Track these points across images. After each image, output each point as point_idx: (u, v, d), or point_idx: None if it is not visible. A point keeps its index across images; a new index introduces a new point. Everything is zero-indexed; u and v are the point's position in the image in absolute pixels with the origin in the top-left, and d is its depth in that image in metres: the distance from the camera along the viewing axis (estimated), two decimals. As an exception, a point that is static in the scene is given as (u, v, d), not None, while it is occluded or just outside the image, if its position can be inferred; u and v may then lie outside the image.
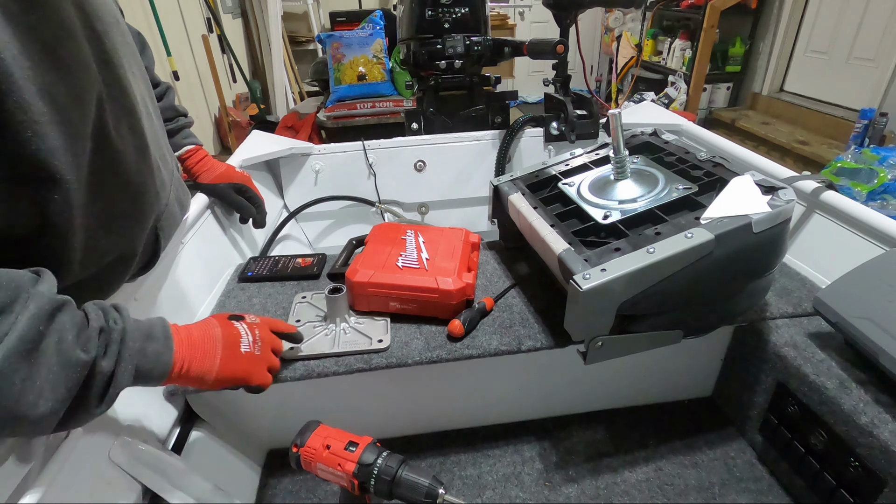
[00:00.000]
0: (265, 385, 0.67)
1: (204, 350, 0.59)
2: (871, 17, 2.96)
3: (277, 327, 0.73)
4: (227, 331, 0.63)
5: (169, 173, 0.79)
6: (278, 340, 0.72)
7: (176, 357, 0.56)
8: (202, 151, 1.04)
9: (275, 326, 0.72)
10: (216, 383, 0.60)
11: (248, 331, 0.65)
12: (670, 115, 1.52)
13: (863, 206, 0.90)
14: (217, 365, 0.59)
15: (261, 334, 0.67)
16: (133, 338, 0.52)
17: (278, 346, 0.72)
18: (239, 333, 0.64)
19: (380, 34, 2.82)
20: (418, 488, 0.59)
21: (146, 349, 0.53)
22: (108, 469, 0.64)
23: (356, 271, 0.84)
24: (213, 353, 0.59)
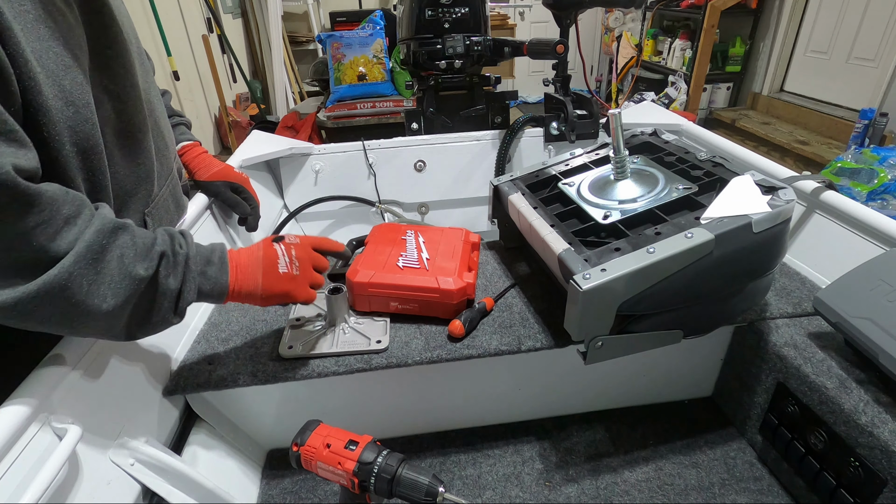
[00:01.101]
0: (309, 300, 0.72)
1: (248, 272, 0.66)
2: (871, 17, 2.97)
3: (321, 245, 0.76)
4: (266, 253, 0.68)
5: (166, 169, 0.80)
6: (320, 258, 0.75)
7: (231, 279, 0.64)
8: (200, 147, 1.04)
9: (318, 245, 0.75)
10: (265, 300, 0.68)
11: (284, 252, 0.70)
12: (670, 115, 1.52)
13: (863, 206, 0.90)
14: (260, 285, 0.66)
15: (297, 254, 0.71)
16: (196, 262, 0.61)
17: (320, 263, 0.74)
18: (276, 255, 0.69)
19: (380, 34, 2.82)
20: (418, 487, 0.59)
21: (207, 272, 0.63)
22: (108, 469, 0.64)
23: (357, 272, 0.84)
24: (255, 274, 0.66)
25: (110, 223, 0.54)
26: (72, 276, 0.49)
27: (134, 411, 0.71)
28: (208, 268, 0.63)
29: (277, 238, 0.72)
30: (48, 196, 0.48)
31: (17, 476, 0.51)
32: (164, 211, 0.80)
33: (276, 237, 0.72)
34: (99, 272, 0.51)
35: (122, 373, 0.71)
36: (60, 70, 0.52)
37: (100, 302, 0.52)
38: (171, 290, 0.58)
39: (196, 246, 0.63)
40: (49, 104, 0.51)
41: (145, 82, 0.75)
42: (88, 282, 0.50)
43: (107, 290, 0.52)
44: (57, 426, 0.57)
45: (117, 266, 0.53)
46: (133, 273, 0.54)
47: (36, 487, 0.50)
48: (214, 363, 0.79)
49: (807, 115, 3.40)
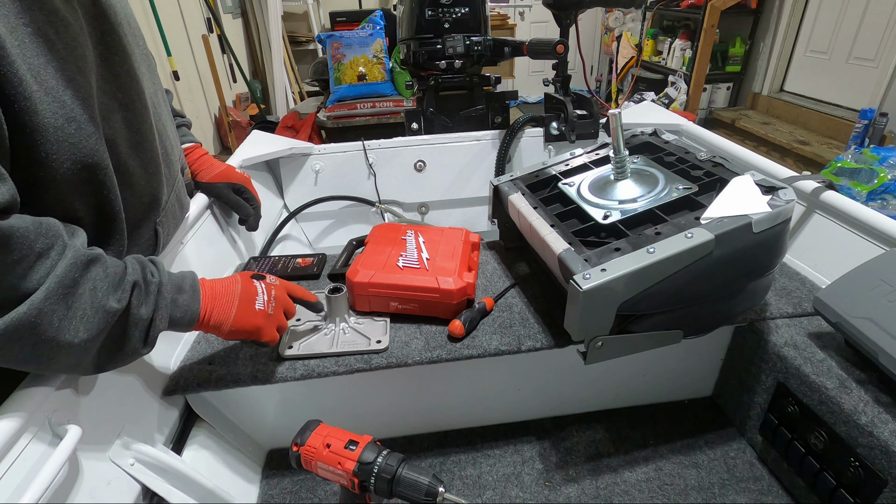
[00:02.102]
0: (272, 342, 0.72)
1: (223, 302, 0.66)
2: (871, 18, 2.97)
3: (294, 292, 0.77)
4: (245, 287, 0.69)
5: (172, 173, 0.80)
6: (292, 304, 0.76)
7: (202, 308, 0.64)
8: (201, 149, 1.04)
9: (292, 291, 0.77)
10: (230, 334, 0.67)
11: (264, 290, 0.71)
12: (670, 115, 1.52)
13: (863, 206, 0.90)
14: (232, 316, 0.66)
15: (276, 294, 0.72)
16: (167, 290, 0.60)
17: (291, 309, 0.76)
18: (256, 291, 0.69)
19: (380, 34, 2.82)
20: (418, 487, 0.59)
21: (178, 300, 0.62)
22: (108, 469, 0.64)
23: (357, 272, 0.84)
24: (230, 305, 0.66)
25: (83, 256, 0.52)
26: (42, 312, 0.47)
27: (134, 411, 0.71)
28: (179, 295, 0.62)
29: (257, 276, 0.72)
30: (21, 233, 0.46)
31: (17, 476, 0.51)
32: (172, 216, 0.80)
33: (256, 274, 0.73)
34: (70, 307, 0.49)
35: (122, 373, 0.71)
36: (61, 85, 0.51)
37: (71, 337, 0.50)
38: (142, 319, 0.57)
39: (167, 274, 0.62)
40: (46, 122, 0.49)
41: (152, 85, 0.75)
42: (59, 317, 0.48)
43: (78, 323, 0.50)
44: (57, 426, 0.57)
45: (89, 299, 0.51)
46: (106, 306, 0.52)
47: (36, 488, 0.50)
48: (214, 363, 0.79)
49: (807, 115, 3.40)
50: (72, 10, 0.53)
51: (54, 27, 0.50)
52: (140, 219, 0.70)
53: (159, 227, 0.74)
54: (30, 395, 0.56)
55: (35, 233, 0.48)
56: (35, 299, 0.46)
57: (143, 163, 0.67)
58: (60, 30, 0.51)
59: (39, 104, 0.48)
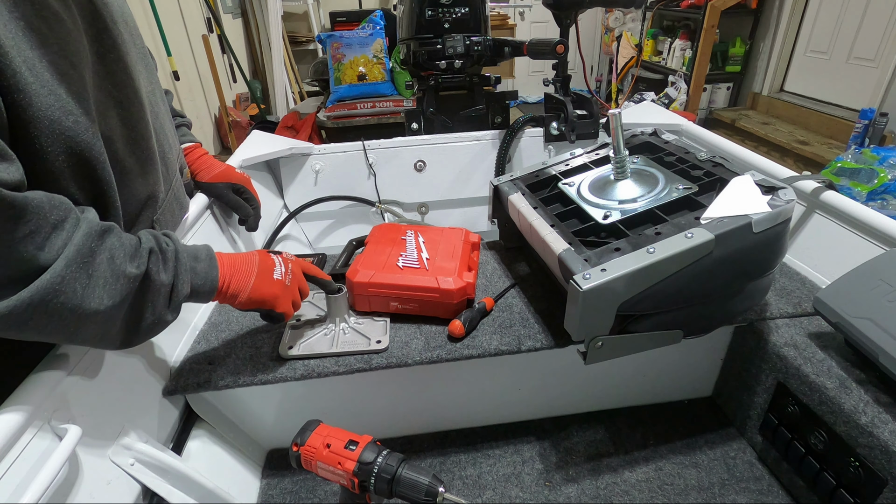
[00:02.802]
0: (287, 314, 0.74)
1: (242, 271, 0.67)
2: (871, 18, 2.97)
3: (309, 270, 0.79)
4: (263, 259, 0.71)
5: (170, 172, 0.80)
6: (305, 283, 0.78)
7: (221, 275, 0.65)
8: (201, 149, 1.04)
9: (307, 269, 0.78)
10: (248, 303, 0.68)
11: (282, 263, 0.73)
12: (670, 115, 1.52)
13: (863, 206, 0.90)
14: (251, 284, 0.67)
15: (293, 269, 0.74)
16: (184, 257, 0.62)
17: (305, 286, 0.77)
18: (274, 263, 0.72)
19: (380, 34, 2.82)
20: (418, 487, 0.59)
21: (196, 268, 0.63)
22: (108, 469, 0.64)
23: (357, 272, 0.85)
24: (249, 274, 0.68)
25: (97, 226, 0.53)
26: (64, 280, 0.48)
27: (134, 411, 0.71)
28: (197, 263, 0.63)
29: (273, 252, 0.74)
30: (35, 204, 0.48)
31: (17, 476, 0.51)
32: (170, 214, 0.80)
33: (273, 251, 0.74)
34: (91, 275, 0.51)
35: (122, 373, 0.71)
36: (55, 79, 0.51)
37: (96, 304, 0.51)
38: (164, 284, 0.59)
39: (182, 243, 0.64)
40: (41, 115, 0.49)
41: (150, 83, 0.75)
42: (82, 285, 0.50)
43: (102, 291, 0.52)
44: (57, 426, 0.57)
45: (108, 267, 0.53)
46: (126, 272, 0.54)
47: (36, 487, 0.50)
48: (214, 363, 0.79)
49: (807, 115, 3.40)
50: (65, 7, 0.54)
51: (47, 22, 0.51)
52: (136, 216, 0.70)
53: (156, 225, 0.74)
54: (30, 394, 0.56)
55: (49, 205, 0.49)
56: (56, 268, 0.48)
57: (139, 160, 0.68)
58: (53, 25, 0.51)
59: (35, 97, 0.48)
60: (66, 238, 0.50)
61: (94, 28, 0.59)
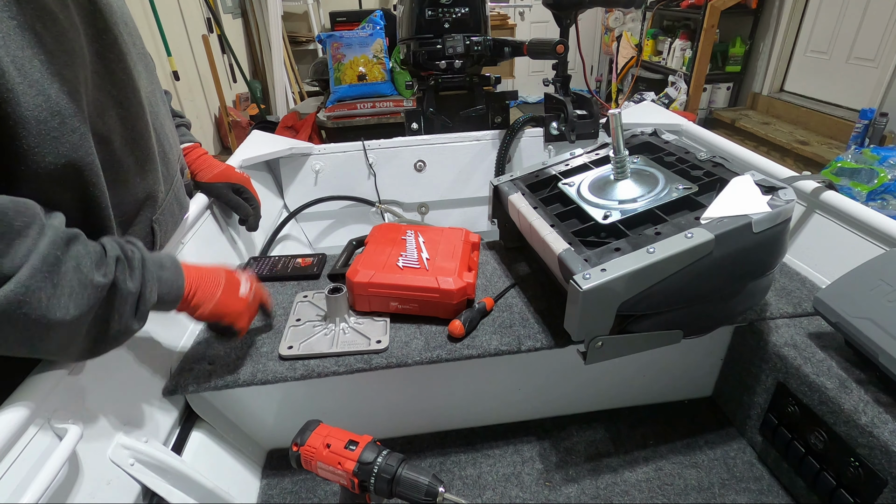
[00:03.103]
0: (243, 331, 0.76)
1: (209, 283, 0.67)
2: (871, 18, 2.97)
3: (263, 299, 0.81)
4: (230, 275, 0.72)
5: (170, 172, 0.80)
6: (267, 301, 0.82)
7: (186, 284, 0.65)
8: (201, 149, 1.04)
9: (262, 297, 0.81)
10: (210, 315, 0.69)
11: (247, 280, 0.75)
12: (670, 115, 1.52)
13: (863, 206, 0.90)
14: (217, 298, 0.67)
15: (255, 288, 0.77)
16: (150, 265, 0.60)
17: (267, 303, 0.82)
18: (240, 281, 0.73)
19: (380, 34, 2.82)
20: (418, 487, 0.59)
21: (162, 276, 0.62)
22: (108, 469, 0.64)
23: (357, 272, 0.85)
24: (215, 286, 0.68)
25: (63, 233, 0.51)
26: (29, 290, 0.46)
27: (134, 411, 0.71)
28: (163, 272, 0.63)
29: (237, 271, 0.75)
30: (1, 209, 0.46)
31: (17, 476, 0.51)
32: (170, 214, 0.80)
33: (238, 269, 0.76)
34: (56, 284, 0.49)
35: (122, 373, 0.71)
36: (46, 79, 0.50)
37: (62, 314, 0.49)
38: (131, 293, 0.57)
39: (146, 251, 0.62)
40: (28, 115, 0.48)
41: (149, 84, 0.75)
42: (47, 295, 0.48)
43: (67, 300, 0.50)
44: (57, 426, 0.57)
45: (74, 275, 0.51)
46: (93, 281, 0.52)
47: (36, 487, 0.50)
48: (214, 363, 0.79)
49: (807, 115, 3.40)
50: (62, 6, 0.53)
51: (42, 21, 0.50)
52: (135, 215, 0.70)
53: (156, 225, 0.74)
54: (30, 394, 0.56)
55: (14, 210, 0.47)
56: (20, 277, 0.46)
57: (138, 160, 0.68)
58: (49, 24, 0.51)
59: (22, 96, 0.48)
60: (31, 246, 0.48)
61: (94, 28, 0.59)
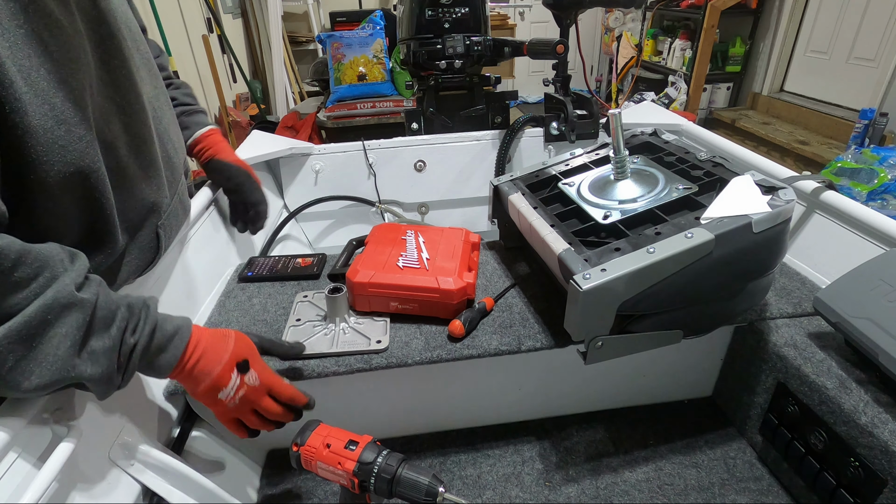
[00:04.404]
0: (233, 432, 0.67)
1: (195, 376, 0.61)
2: (871, 18, 2.97)
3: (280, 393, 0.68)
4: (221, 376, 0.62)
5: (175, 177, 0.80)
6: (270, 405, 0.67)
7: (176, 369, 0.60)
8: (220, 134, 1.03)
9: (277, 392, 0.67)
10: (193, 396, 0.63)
11: (234, 388, 0.63)
12: (670, 115, 1.52)
13: (863, 206, 0.90)
14: (198, 392, 0.62)
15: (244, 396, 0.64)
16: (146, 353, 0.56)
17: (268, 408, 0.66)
18: (224, 384, 0.62)
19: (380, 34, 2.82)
20: (418, 487, 0.59)
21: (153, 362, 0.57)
22: (108, 469, 0.64)
23: (357, 272, 0.85)
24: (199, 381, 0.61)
25: (64, 298, 0.47)
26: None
27: (134, 411, 0.71)
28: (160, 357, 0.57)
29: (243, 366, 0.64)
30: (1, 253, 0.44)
31: (17, 476, 0.51)
32: (174, 219, 0.80)
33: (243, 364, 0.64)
34: (32, 348, 0.45)
35: (122, 373, 0.71)
36: (51, 88, 0.50)
37: (21, 379, 0.45)
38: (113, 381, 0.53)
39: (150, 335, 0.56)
40: (36, 124, 0.48)
41: (153, 88, 0.75)
42: (15, 357, 0.45)
43: (34, 367, 0.46)
44: (57, 426, 0.57)
45: (56, 347, 0.47)
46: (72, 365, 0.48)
47: (36, 487, 0.50)
48: (214, 363, 0.79)
49: (807, 115, 3.40)
50: (68, 13, 0.53)
51: (49, 29, 0.50)
52: (141, 222, 0.70)
53: (161, 231, 0.74)
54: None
55: (15, 260, 0.45)
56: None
57: (142, 166, 0.68)
58: (55, 32, 0.51)
59: (29, 106, 0.47)
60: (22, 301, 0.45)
61: (97, 34, 0.59)
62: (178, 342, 0.59)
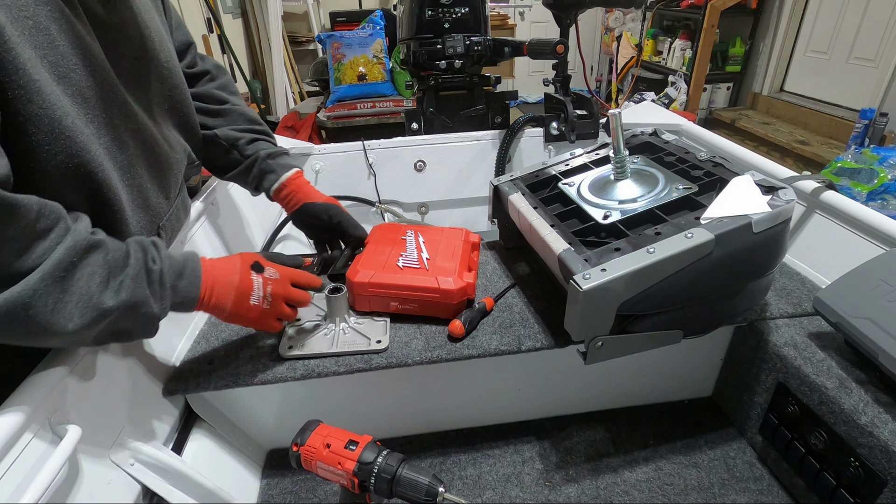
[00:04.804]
0: (272, 331, 0.75)
1: (222, 292, 0.67)
2: (871, 18, 2.97)
3: (300, 280, 0.76)
4: (243, 280, 0.68)
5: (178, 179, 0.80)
6: (296, 293, 0.75)
7: (202, 293, 0.65)
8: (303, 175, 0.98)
9: (296, 280, 0.75)
10: (228, 320, 0.70)
11: (260, 286, 0.70)
12: (670, 115, 1.52)
13: (863, 206, 0.90)
14: (228, 308, 0.67)
15: (273, 290, 0.71)
16: (168, 277, 0.61)
17: (296, 297, 0.74)
18: (251, 287, 0.69)
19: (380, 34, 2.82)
20: (418, 487, 0.59)
21: (178, 286, 0.62)
22: (108, 469, 0.64)
23: (357, 272, 0.84)
24: (227, 296, 0.67)
25: (83, 241, 0.52)
26: (36, 293, 0.47)
27: (134, 411, 0.71)
28: (179, 281, 0.62)
29: (257, 266, 0.70)
30: (24, 207, 0.47)
31: (17, 476, 0.51)
32: (176, 220, 0.81)
33: (256, 264, 0.70)
34: (66, 290, 0.49)
35: (122, 373, 0.71)
36: (55, 80, 0.51)
37: (65, 322, 0.50)
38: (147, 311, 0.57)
39: (168, 258, 0.62)
40: (42, 113, 0.49)
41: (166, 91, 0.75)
42: (54, 300, 0.48)
43: (73, 308, 0.50)
44: (57, 426, 0.57)
45: (86, 285, 0.51)
46: (100, 304, 0.52)
47: (36, 487, 0.50)
48: (214, 363, 0.79)
49: (807, 115, 3.40)
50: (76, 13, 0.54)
51: (58, 24, 0.51)
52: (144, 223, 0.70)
53: (162, 231, 0.74)
54: (30, 395, 0.56)
55: (37, 213, 0.48)
56: (31, 280, 0.47)
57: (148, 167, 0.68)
58: (64, 27, 0.52)
59: (36, 94, 0.49)
60: (48, 248, 0.49)
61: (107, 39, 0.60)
62: (193, 266, 0.64)
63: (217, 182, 1.16)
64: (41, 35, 0.50)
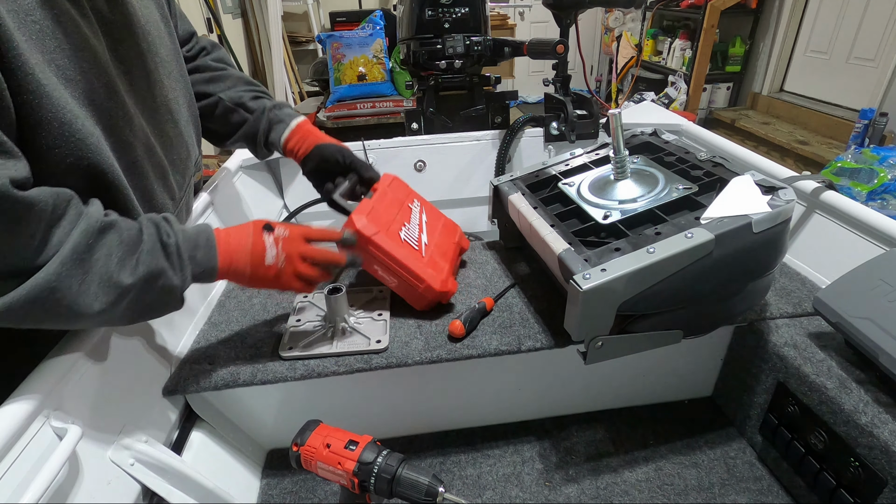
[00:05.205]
0: (298, 290, 0.73)
1: (239, 258, 0.67)
2: (871, 18, 2.97)
3: (313, 236, 0.73)
4: (256, 242, 0.69)
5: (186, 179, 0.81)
6: (313, 250, 0.72)
7: (220, 261, 0.66)
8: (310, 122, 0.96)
9: (310, 235, 0.73)
10: (251, 285, 0.70)
11: (272, 244, 0.69)
12: (670, 115, 1.52)
13: (863, 206, 0.90)
14: (248, 272, 0.68)
15: (285, 247, 0.70)
16: (185, 248, 0.62)
17: (313, 255, 0.72)
18: (264, 248, 0.69)
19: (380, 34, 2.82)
20: (418, 487, 0.59)
21: (195, 256, 0.63)
22: (108, 469, 0.64)
23: (363, 221, 0.80)
24: (244, 261, 0.67)
25: (96, 223, 0.54)
26: (59, 277, 0.49)
27: (134, 411, 0.71)
28: (196, 252, 0.63)
29: (268, 226, 0.70)
30: (41, 203, 0.49)
31: (17, 476, 0.51)
32: (180, 218, 0.81)
33: (267, 225, 0.70)
34: (87, 272, 0.52)
35: (122, 373, 0.71)
36: (62, 83, 0.52)
37: (91, 301, 0.52)
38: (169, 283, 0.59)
39: (181, 231, 0.63)
40: (51, 116, 0.50)
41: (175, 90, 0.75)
42: (78, 282, 0.51)
43: (96, 289, 0.53)
44: (57, 426, 0.57)
45: (104, 266, 0.53)
46: (119, 281, 0.54)
47: (36, 487, 0.50)
48: (214, 363, 0.79)
49: (807, 115, 3.40)
50: (82, 13, 0.55)
51: (63, 27, 0.52)
52: None
53: None
54: (30, 394, 0.56)
55: (53, 204, 0.50)
56: (52, 266, 0.49)
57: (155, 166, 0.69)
58: (69, 30, 0.52)
59: (45, 98, 0.49)
60: (64, 235, 0.51)
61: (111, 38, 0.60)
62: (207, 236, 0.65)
63: (220, 179, 1.17)
64: (48, 39, 0.50)
